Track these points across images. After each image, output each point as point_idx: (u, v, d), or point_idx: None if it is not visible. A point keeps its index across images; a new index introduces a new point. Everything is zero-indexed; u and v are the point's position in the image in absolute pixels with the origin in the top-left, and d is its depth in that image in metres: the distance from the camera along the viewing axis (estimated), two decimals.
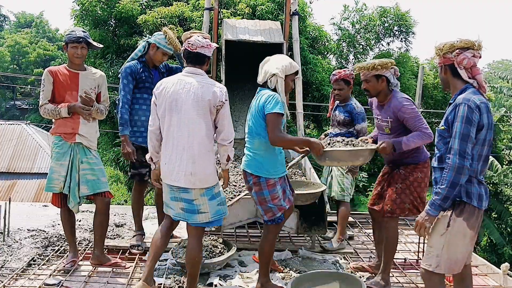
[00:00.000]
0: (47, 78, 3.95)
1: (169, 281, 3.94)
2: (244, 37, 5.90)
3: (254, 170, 3.55)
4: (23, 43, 37.59)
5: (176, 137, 3.32)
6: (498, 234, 16.16)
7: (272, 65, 3.55)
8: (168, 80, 3.43)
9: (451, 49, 2.88)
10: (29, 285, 3.86)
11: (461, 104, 2.77)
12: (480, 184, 2.86)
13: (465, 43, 2.87)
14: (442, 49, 2.92)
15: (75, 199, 3.99)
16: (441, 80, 3.07)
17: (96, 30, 13.26)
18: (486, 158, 2.89)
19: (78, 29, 4.11)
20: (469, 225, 2.82)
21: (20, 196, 18.07)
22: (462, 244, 2.85)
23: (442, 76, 3.00)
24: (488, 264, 4.62)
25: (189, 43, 3.35)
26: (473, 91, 2.85)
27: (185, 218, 3.42)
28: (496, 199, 16.26)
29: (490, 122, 2.82)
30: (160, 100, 3.36)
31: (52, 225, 5.55)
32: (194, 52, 3.35)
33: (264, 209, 3.61)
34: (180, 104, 3.29)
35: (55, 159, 3.99)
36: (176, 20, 13.16)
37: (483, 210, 2.88)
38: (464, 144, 2.73)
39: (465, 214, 2.82)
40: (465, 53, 2.84)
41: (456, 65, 2.88)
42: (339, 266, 4.43)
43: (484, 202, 2.87)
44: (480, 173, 2.86)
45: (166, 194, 3.49)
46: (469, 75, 2.88)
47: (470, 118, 2.73)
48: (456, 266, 2.90)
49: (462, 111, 2.75)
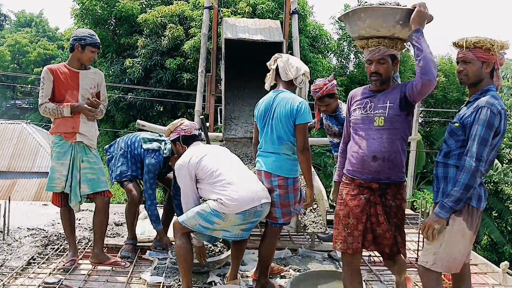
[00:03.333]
0: (47, 76, 3.91)
1: (169, 280, 3.94)
2: (244, 36, 5.90)
3: (283, 172, 3.49)
4: (23, 43, 37.61)
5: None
6: (498, 233, 16.16)
7: (300, 63, 3.60)
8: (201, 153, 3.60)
9: (502, 48, 2.83)
10: (28, 283, 3.86)
11: (484, 107, 2.73)
12: (480, 186, 2.84)
13: (508, 44, 2.85)
14: (495, 44, 2.80)
15: (76, 198, 3.99)
16: (474, 75, 2.87)
17: (96, 29, 13.29)
18: (491, 162, 2.88)
19: (94, 33, 4.05)
20: (469, 225, 2.81)
21: (20, 195, 18.09)
22: (461, 243, 2.84)
23: (480, 71, 2.85)
24: (487, 262, 4.63)
25: (184, 129, 3.75)
26: (495, 94, 2.81)
27: (243, 236, 3.55)
28: (497, 198, 16.26)
29: (504, 129, 2.81)
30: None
31: (51, 224, 5.55)
32: (192, 135, 3.75)
33: (283, 212, 3.55)
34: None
35: (56, 158, 3.99)
36: (176, 19, 13.18)
37: (481, 210, 2.87)
38: (483, 148, 2.71)
39: (464, 214, 2.81)
40: (504, 54, 2.86)
41: (497, 66, 2.86)
42: (338, 265, 4.43)
43: (483, 202, 2.86)
44: (482, 175, 2.82)
45: (229, 226, 3.45)
46: (498, 76, 2.90)
47: (491, 123, 2.71)
48: (454, 266, 2.90)
49: (484, 115, 2.71)
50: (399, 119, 2.98)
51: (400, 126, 2.99)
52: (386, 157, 2.94)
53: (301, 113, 3.41)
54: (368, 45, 3.04)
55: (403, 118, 2.99)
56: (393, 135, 2.96)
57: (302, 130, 3.43)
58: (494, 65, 2.86)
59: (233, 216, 3.33)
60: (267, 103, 3.57)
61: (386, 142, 2.95)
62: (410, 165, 10.61)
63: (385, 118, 2.97)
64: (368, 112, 3.04)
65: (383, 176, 2.98)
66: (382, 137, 2.96)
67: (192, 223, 3.39)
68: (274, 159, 3.50)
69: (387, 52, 2.98)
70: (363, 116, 3.06)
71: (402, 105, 2.95)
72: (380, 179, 2.99)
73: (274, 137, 3.49)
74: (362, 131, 3.05)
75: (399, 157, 2.98)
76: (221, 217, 3.34)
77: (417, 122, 10.53)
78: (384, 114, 2.97)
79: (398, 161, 2.99)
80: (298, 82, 3.55)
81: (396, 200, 3.04)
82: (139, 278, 4.01)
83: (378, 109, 3.00)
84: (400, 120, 2.99)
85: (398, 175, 3.02)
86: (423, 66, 2.77)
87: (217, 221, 3.36)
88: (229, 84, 6.04)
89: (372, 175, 2.99)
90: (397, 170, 2.99)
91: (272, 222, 3.60)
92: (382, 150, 2.94)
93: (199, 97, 6.18)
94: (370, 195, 3.02)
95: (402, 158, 3.01)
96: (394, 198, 3.03)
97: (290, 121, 3.43)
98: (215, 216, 3.34)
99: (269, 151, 3.53)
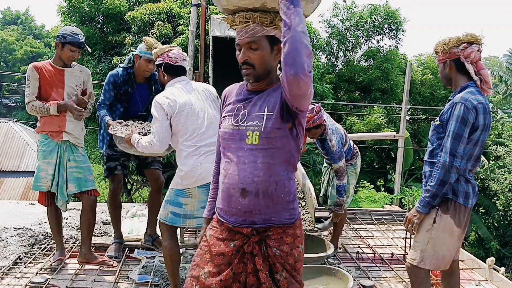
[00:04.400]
0: (33, 74, 3.88)
1: (157, 279, 3.93)
2: (231, 34, 5.89)
3: None
4: (10, 40, 37.21)
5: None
6: (485, 229, 16.35)
7: None
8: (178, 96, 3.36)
9: (458, 43, 2.84)
10: (15, 283, 3.82)
11: (458, 103, 2.76)
12: (468, 183, 2.86)
13: (471, 36, 2.84)
14: (448, 43, 2.86)
15: (63, 197, 3.96)
16: (443, 77, 3.01)
17: (83, 26, 13.18)
18: (477, 158, 2.89)
19: (79, 31, 4.00)
20: (456, 223, 2.83)
21: (7, 195, 17.91)
22: (449, 241, 2.87)
23: (446, 72, 2.95)
24: (474, 258, 4.68)
25: (171, 57, 3.46)
26: (473, 90, 2.82)
27: None
28: (483, 194, 16.44)
29: (487, 123, 2.80)
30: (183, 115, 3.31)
31: (38, 223, 5.50)
32: (177, 66, 3.48)
33: None
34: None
35: (42, 157, 3.96)
36: (164, 16, 13.11)
37: (470, 207, 2.89)
38: (457, 144, 2.74)
39: (451, 211, 2.84)
40: (472, 47, 2.83)
41: (463, 60, 2.84)
42: (326, 261, 4.45)
43: (471, 200, 2.87)
44: (469, 172, 2.87)
45: (196, 203, 3.33)
46: (475, 70, 2.86)
47: (465, 118, 2.73)
48: (443, 263, 2.92)
49: (458, 110, 2.74)
50: (280, 135, 2.05)
51: (282, 144, 2.06)
52: (262, 190, 2.05)
53: None
54: (235, 23, 2.13)
55: (286, 133, 2.05)
56: (271, 158, 2.05)
57: None
58: (459, 61, 2.87)
59: (196, 190, 3.27)
60: None
61: (261, 169, 2.05)
62: (398, 163, 10.70)
63: (260, 133, 2.05)
64: (240, 124, 2.11)
65: (258, 218, 2.08)
66: (256, 161, 2.05)
67: (164, 215, 3.36)
68: None
69: (261, 32, 2.06)
70: (233, 129, 2.12)
71: (284, 113, 2.03)
72: (254, 222, 2.09)
73: None
74: (231, 152, 2.13)
75: (281, 190, 2.07)
76: (186, 195, 3.29)
77: (405, 120, 10.59)
78: (260, 128, 2.05)
79: (280, 194, 2.08)
80: None
81: (284, 245, 2.09)
82: (127, 277, 4.00)
83: (252, 119, 2.08)
84: (282, 136, 2.05)
85: (283, 215, 2.10)
86: (287, 53, 1.83)
87: (184, 201, 3.30)
88: (217, 81, 6.03)
89: (242, 217, 2.10)
90: (279, 208, 2.09)
91: None
92: (254, 180, 2.05)
93: None
94: (242, 242, 2.11)
95: (287, 190, 2.10)
96: (280, 243, 2.09)
97: None
98: (180, 196, 3.30)
99: None
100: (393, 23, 18.09)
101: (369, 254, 4.76)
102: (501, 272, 4.32)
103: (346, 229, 5.59)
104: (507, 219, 16.69)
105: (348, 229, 5.60)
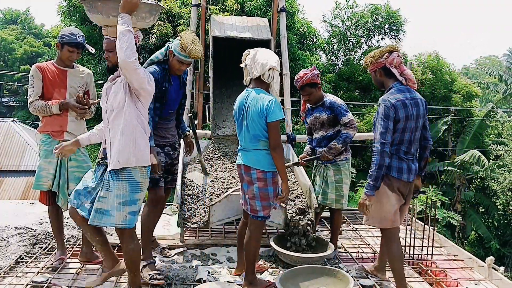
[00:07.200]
0: (36, 75, 3.93)
1: None
2: (231, 34, 5.91)
3: (262, 166, 3.53)
4: (9, 40, 37.19)
5: None
6: (485, 228, 16.37)
7: (267, 58, 3.52)
8: None
9: (381, 54, 3.54)
10: (16, 283, 3.84)
11: (380, 104, 3.46)
12: (401, 160, 3.51)
13: (390, 47, 3.58)
14: (374, 56, 3.56)
15: (64, 196, 3.99)
16: (376, 82, 3.69)
17: (83, 26, 13.20)
18: (410, 141, 3.52)
19: (77, 32, 4.02)
20: (390, 189, 3.51)
21: (8, 194, 17.90)
22: (387, 202, 3.53)
23: (377, 78, 3.63)
24: (473, 257, 4.69)
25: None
26: (394, 90, 3.50)
27: None
28: (483, 193, 16.46)
29: (409, 114, 3.44)
30: None
31: (39, 222, 5.52)
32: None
33: (263, 205, 3.59)
34: None
35: (43, 156, 3.99)
36: (165, 16, 13.12)
37: (405, 181, 3.53)
38: (384, 134, 3.38)
39: (386, 181, 3.49)
40: (393, 54, 3.52)
41: (388, 66, 3.52)
42: (326, 261, 4.46)
43: (405, 174, 3.51)
44: (405, 153, 3.52)
45: None
46: (399, 72, 3.53)
47: (387, 114, 3.40)
48: (386, 222, 3.60)
49: (380, 109, 3.44)
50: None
51: None
52: None
53: (271, 111, 3.43)
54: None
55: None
56: None
57: (274, 128, 3.46)
58: (385, 67, 3.54)
59: (142, 171, 3.26)
60: (240, 102, 3.63)
61: None
62: None
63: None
64: None
65: None
66: None
67: (121, 219, 3.23)
68: (253, 153, 3.57)
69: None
70: None
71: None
72: None
73: (250, 135, 3.55)
74: None
75: None
76: (138, 187, 3.25)
77: None
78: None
79: None
80: (265, 78, 3.52)
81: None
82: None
83: None
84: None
85: None
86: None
87: (138, 196, 3.27)
88: (217, 82, 6.05)
89: None
90: None
91: (253, 215, 3.65)
92: None
93: (188, 94, 6.17)
94: None
95: None
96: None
97: (262, 119, 3.47)
98: (132, 189, 3.24)
99: (249, 148, 3.60)
100: (393, 23, 18.11)
101: (369, 254, 4.77)
102: (500, 271, 4.34)
103: (346, 229, 5.61)
104: (506, 219, 16.73)
105: (348, 229, 5.61)
